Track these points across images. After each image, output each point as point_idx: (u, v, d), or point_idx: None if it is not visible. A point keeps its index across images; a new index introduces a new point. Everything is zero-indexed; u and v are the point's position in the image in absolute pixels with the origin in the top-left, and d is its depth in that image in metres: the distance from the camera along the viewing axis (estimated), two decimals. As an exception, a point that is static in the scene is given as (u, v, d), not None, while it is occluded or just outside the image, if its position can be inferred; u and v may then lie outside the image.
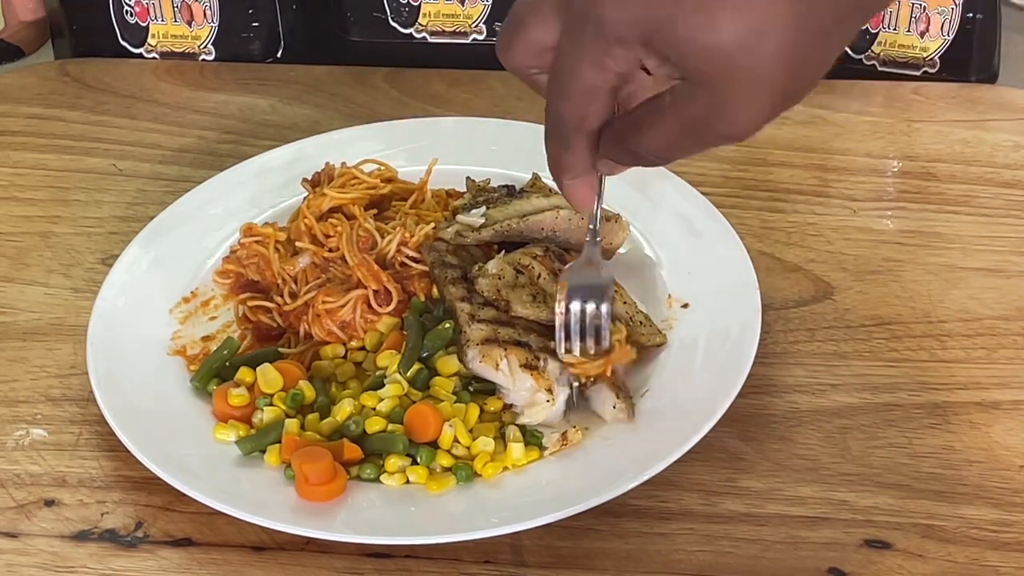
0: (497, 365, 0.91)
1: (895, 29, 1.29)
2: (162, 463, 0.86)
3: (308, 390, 0.91)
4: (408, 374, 0.91)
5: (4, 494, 0.90)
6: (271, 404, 0.90)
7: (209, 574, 0.84)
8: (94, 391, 0.92)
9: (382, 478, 0.86)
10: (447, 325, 0.93)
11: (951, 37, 1.28)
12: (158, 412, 0.92)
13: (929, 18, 1.28)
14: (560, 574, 0.83)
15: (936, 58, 1.29)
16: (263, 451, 0.88)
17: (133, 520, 0.87)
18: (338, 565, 0.84)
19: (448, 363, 0.92)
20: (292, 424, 0.89)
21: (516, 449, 0.87)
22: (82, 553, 0.86)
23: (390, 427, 0.88)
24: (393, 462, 0.86)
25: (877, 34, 1.30)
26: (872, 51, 1.31)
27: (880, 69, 1.31)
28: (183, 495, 0.85)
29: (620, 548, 0.84)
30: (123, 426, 0.89)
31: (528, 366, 0.91)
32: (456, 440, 0.88)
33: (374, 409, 0.90)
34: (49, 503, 0.89)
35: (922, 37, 1.29)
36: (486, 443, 0.88)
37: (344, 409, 0.90)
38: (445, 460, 0.87)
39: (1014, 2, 1.39)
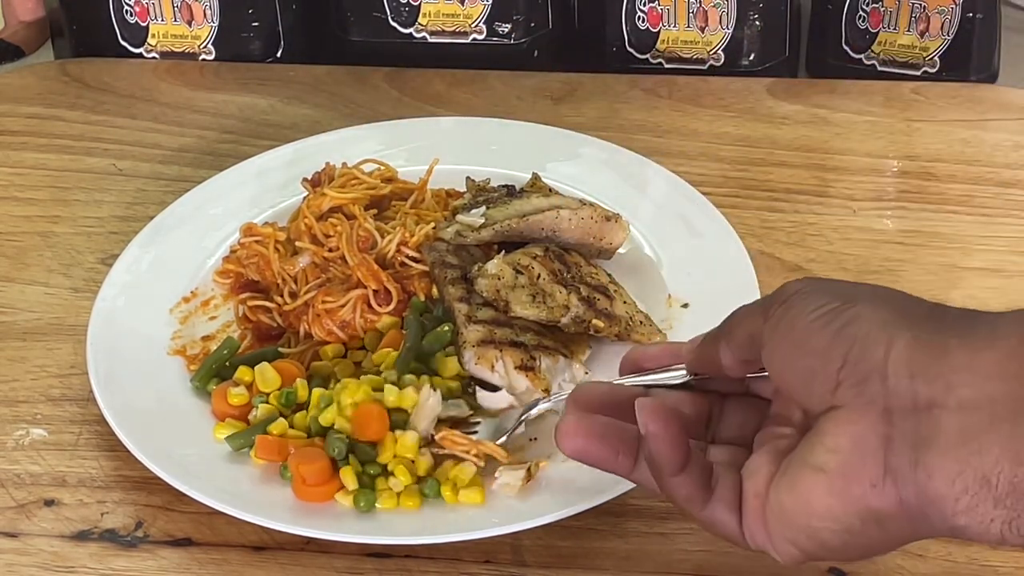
0: (493, 367, 0.91)
1: (895, 29, 1.29)
2: (162, 463, 0.86)
3: (302, 389, 0.91)
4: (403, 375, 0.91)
5: (4, 494, 0.90)
6: (266, 402, 0.90)
7: (209, 574, 0.84)
8: (94, 391, 0.92)
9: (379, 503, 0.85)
10: (446, 328, 0.93)
11: (951, 37, 1.28)
12: (158, 412, 0.92)
13: (929, 18, 1.28)
14: (560, 574, 0.83)
15: (936, 58, 1.29)
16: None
17: (133, 520, 0.87)
18: (338, 565, 0.84)
19: (449, 364, 0.91)
20: (277, 425, 0.88)
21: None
22: (82, 553, 0.86)
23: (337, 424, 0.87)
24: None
25: (877, 34, 1.30)
26: (872, 51, 1.31)
27: (880, 69, 1.31)
28: (183, 495, 0.85)
29: (620, 548, 0.84)
30: (123, 426, 0.89)
31: (524, 367, 0.91)
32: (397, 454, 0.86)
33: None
34: (49, 503, 0.89)
35: (922, 37, 1.29)
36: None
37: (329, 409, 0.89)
38: (404, 476, 0.85)
39: (1014, 2, 1.39)
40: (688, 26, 1.32)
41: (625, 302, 0.98)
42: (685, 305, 0.99)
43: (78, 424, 0.95)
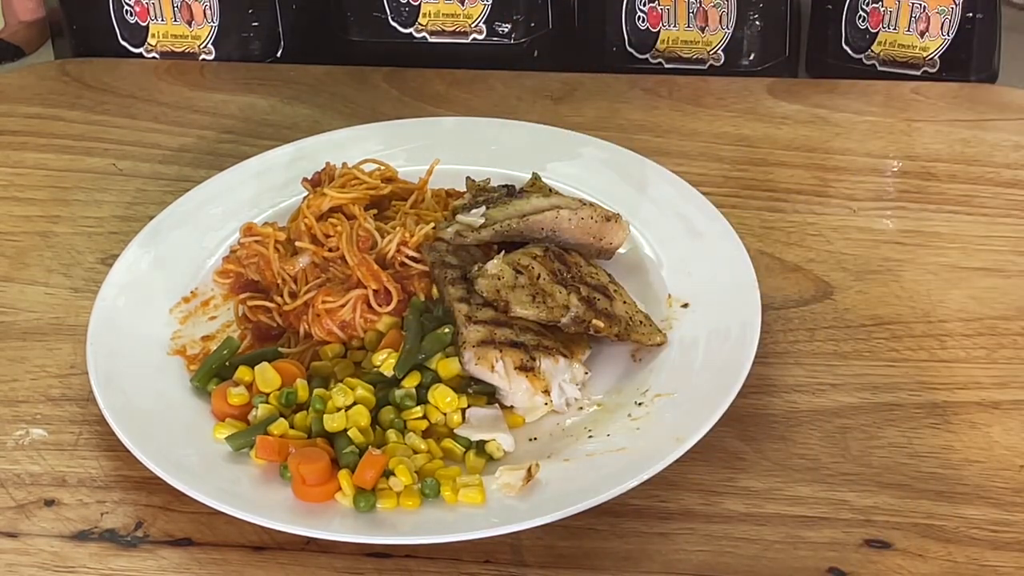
0: (492, 367, 0.91)
1: (895, 29, 1.29)
2: (162, 463, 0.86)
3: (302, 390, 0.91)
4: (406, 382, 0.91)
5: (4, 494, 0.90)
6: (266, 402, 0.90)
7: (209, 574, 0.84)
8: (94, 391, 0.92)
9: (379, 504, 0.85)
10: (446, 330, 0.93)
11: (951, 37, 1.28)
12: (158, 412, 0.92)
13: (929, 18, 1.28)
14: (560, 574, 0.83)
15: (936, 58, 1.29)
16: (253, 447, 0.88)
17: (133, 520, 0.87)
18: (338, 565, 0.84)
19: (450, 366, 0.91)
20: (277, 425, 0.89)
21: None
22: (82, 553, 0.86)
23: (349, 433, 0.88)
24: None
25: (877, 34, 1.30)
26: (872, 51, 1.31)
27: (880, 69, 1.31)
28: (183, 495, 0.85)
29: (620, 548, 0.84)
30: (123, 426, 0.89)
31: (523, 368, 0.91)
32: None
33: (353, 404, 0.89)
34: (49, 503, 0.89)
35: (922, 37, 1.29)
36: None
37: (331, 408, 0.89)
38: (404, 476, 0.85)
39: (1014, 2, 1.39)
40: (688, 26, 1.32)
41: (625, 302, 0.98)
42: (685, 305, 0.99)
43: (78, 424, 0.95)
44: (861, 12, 1.30)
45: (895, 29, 1.29)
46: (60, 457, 0.92)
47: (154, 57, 1.38)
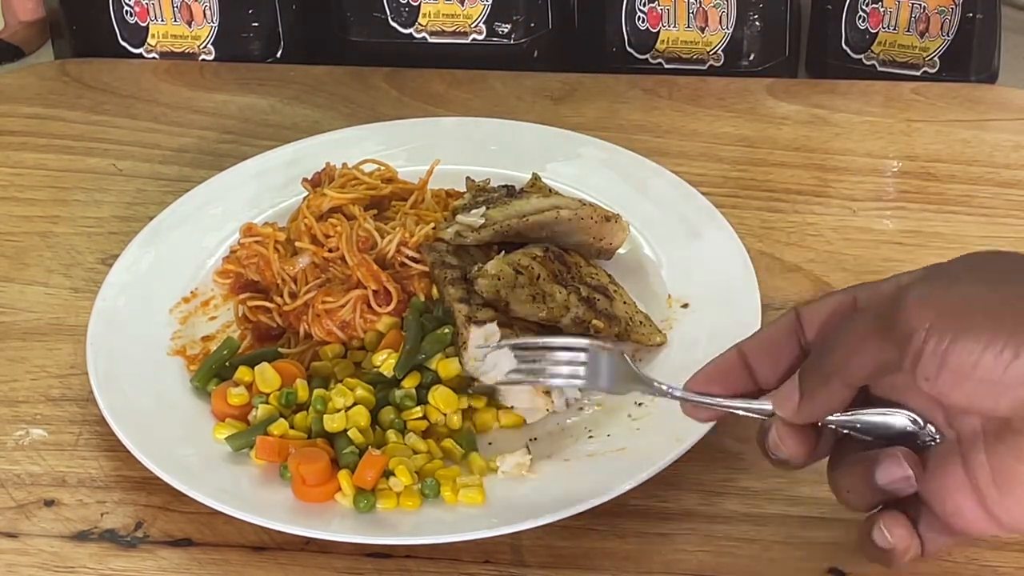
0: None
1: (895, 29, 1.29)
2: (162, 463, 0.86)
3: (302, 390, 0.91)
4: (406, 382, 0.91)
5: (4, 494, 0.90)
6: (266, 402, 0.90)
7: (209, 574, 0.84)
8: (94, 391, 0.92)
9: (379, 505, 0.85)
10: (446, 330, 0.93)
11: (951, 37, 1.28)
12: (158, 412, 0.92)
13: (929, 18, 1.28)
14: (560, 574, 0.83)
15: (936, 58, 1.29)
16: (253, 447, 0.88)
17: (133, 520, 0.87)
18: (338, 565, 0.84)
19: (450, 366, 0.91)
20: (277, 426, 0.89)
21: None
22: (82, 553, 0.86)
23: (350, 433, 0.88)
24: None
25: (877, 34, 1.30)
26: (872, 51, 1.31)
27: (880, 69, 1.31)
28: (183, 495, 0.85)
29: (620, 548, 0.84)
30: (123, 426, 0.89)
31: (524, 367, 0.91)
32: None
33: (353, 405, 0.89)
34: (49, 503, 0.89)
35: (922, 37, 1.29)
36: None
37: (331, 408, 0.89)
38: (404, 476, 0.85)
39: (1014, 2, 1.39)
40: (688, 26, 1.32)
41: (625, 302, 0.98)
42: (685, 305, 0.99)
43: (78, 424, 0.95)
44: (861, 12, 1.30)
45: (895, 29, 1.29)
46: (60, 457, 0.92)
47: (154, 57, 1.38)
